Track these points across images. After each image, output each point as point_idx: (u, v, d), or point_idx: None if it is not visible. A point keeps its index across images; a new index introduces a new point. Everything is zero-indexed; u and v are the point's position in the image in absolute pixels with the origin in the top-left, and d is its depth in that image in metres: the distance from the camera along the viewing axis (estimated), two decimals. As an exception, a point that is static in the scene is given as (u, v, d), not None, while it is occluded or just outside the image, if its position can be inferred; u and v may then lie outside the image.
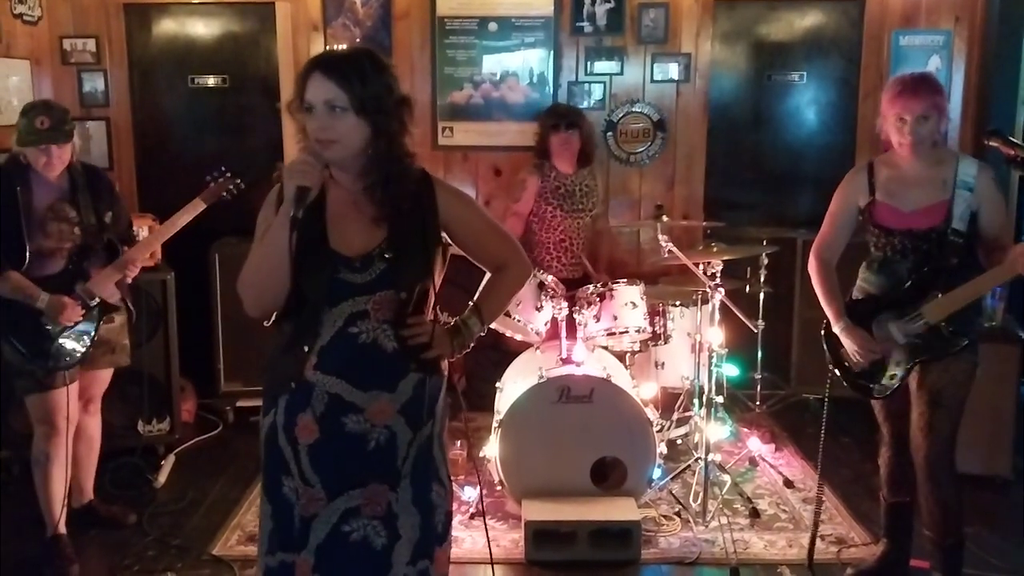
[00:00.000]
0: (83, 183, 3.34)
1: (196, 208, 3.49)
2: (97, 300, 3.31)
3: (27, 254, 3.15)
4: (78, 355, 3.28)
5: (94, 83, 5.09)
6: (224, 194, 3.56)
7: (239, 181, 3.58)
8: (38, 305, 3.15)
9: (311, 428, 2.04)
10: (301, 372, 2.03)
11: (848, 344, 2.94)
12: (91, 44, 5.05)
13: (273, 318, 2.11)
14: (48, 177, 3.24)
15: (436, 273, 2.14)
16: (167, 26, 5.17)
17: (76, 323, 3.25)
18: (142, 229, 4.48)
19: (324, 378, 2.03)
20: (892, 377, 2.90)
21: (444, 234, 2.15)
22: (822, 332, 3.06)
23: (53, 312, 3.17)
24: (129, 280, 3.42)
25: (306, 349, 2.03)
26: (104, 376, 3.54)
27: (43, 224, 3.21)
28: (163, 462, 4.21)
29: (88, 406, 3.52)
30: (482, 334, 2.24)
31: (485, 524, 2.95)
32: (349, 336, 2.02)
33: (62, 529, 3.34)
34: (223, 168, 3.59)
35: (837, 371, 3.03)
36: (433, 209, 2.11)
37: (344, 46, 4.92)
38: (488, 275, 2.31)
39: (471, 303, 2.25)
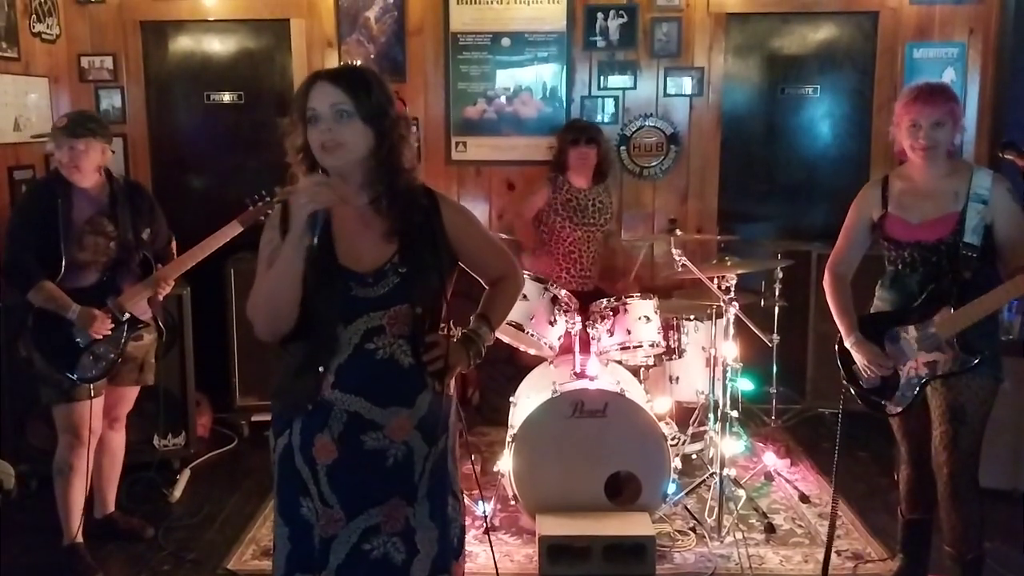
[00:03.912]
0: (124, 198, 3.37)
1: (233, 230, 3.46)
2: (127, 315, 3.33)
3: (62, 265, 3.20)
4: (104, 368, 3.31)
5: (111, 100, 5.14)
6: (262, 217, 3.41)
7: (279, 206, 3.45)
8: (69, 316, 3.19)
9: (329, 448, 2.02)
10: (318, 393, 2.01)
11: (859, 359, 2.92)
12: (108, 61, 5.10)
13: (280, 339, 2.09)
14: (80, 185, 3.27)
15: (448, 287, 2.14)
16: (183, 43, 5.22)
17: (105, 336, 3.27)
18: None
19: (343, 396, 2.01)
20: (904, 394, 2.87)
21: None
22: (835, 347, 3.04)
23: (83, 324, 3.20)
24: (160, 297, 3.43)
25: (322, 369, 2.01)
26: (130, 395, 3.56)
27: (80, 237, 3.25)
28: (178, 476, 4.23)
29: (114, 424, 3.55)
30: (490, 343, 2.23)
31: (490, 541, 2.93)
32: (366, 353, 2.02)
33: (79, 539, 3.36)
34: (263, 192, 3.49)
35: (851, 387, 3.00)
36: (440, 224, 2.12)
37: (359, 62, 4.96)
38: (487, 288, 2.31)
39: (476, 313, 2.25)
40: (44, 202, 3.23)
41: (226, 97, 5.23)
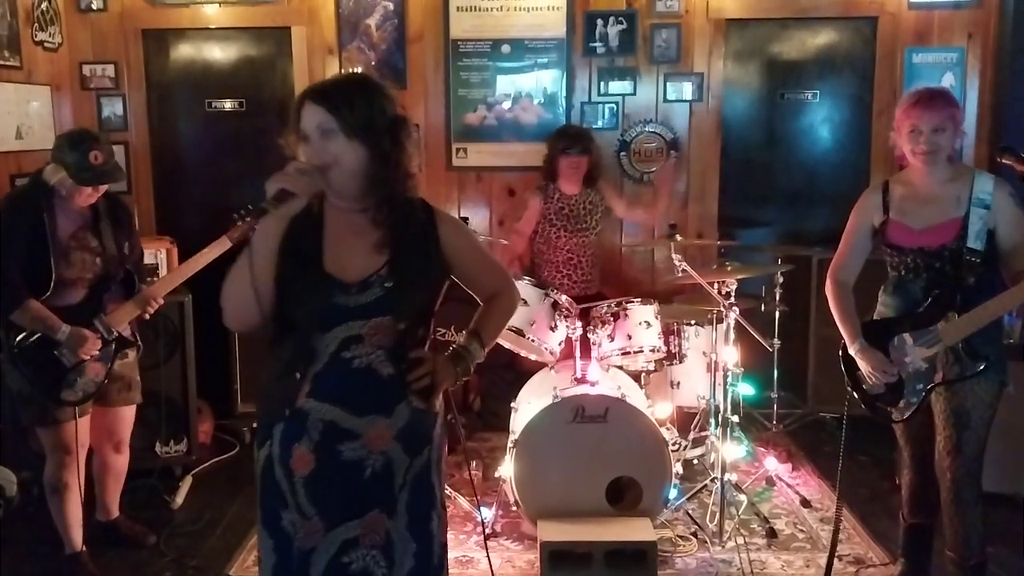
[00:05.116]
0: (105, 211, 3.26)
1: (222, 246, 3.30)
2: (115, 334, 3.24)
3: (51, 283, 3.07)
4: (91, 389, 3.22)
5: (113, 108, 5.16)
6: (251, 232, 3.40)
7: None
8: (58, 337, 3.07)
9: (307, 459, 2.00)
10: (295, 399, 2.00)
11: (863, 366, 2.91)
12: (110, 69, 5.12)
13: (269, 343, 2.09)
14: (76, 205, 3.16)
15: (436, 303, 2.13)
16: (184, 51, 5.24)
17: (92, 357, 3.17)
18: (159, 252, 4.54)
19: (318, 405, 2.00)
20: (909, 400, 2.86)
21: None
22: (839, 354, 3.02)
23: (73, 345, 3.09)
24: (147, 316, 3.34)
25: (298, 376, 2.00)
26: (128, 415, 3.49)
27: (67, 253, 3.13)
28: (180, 483, 4.23)
29: (119, 446, 3.50)
30: (480, 360, 2.21)
31: (487, 548, 2.92)
32: (342, 361, 2.00)
33: (82, 548, 3.35)
34: (251, 206, 3.37)
35: (855, 394, 2.99)
36: (436, 240, 2.10)
37: (359, 69, 4.98)
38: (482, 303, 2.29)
39: (468, 329, 2.22)
40: (30, 216, 3.07)
41: (227, 105, 5.25)
